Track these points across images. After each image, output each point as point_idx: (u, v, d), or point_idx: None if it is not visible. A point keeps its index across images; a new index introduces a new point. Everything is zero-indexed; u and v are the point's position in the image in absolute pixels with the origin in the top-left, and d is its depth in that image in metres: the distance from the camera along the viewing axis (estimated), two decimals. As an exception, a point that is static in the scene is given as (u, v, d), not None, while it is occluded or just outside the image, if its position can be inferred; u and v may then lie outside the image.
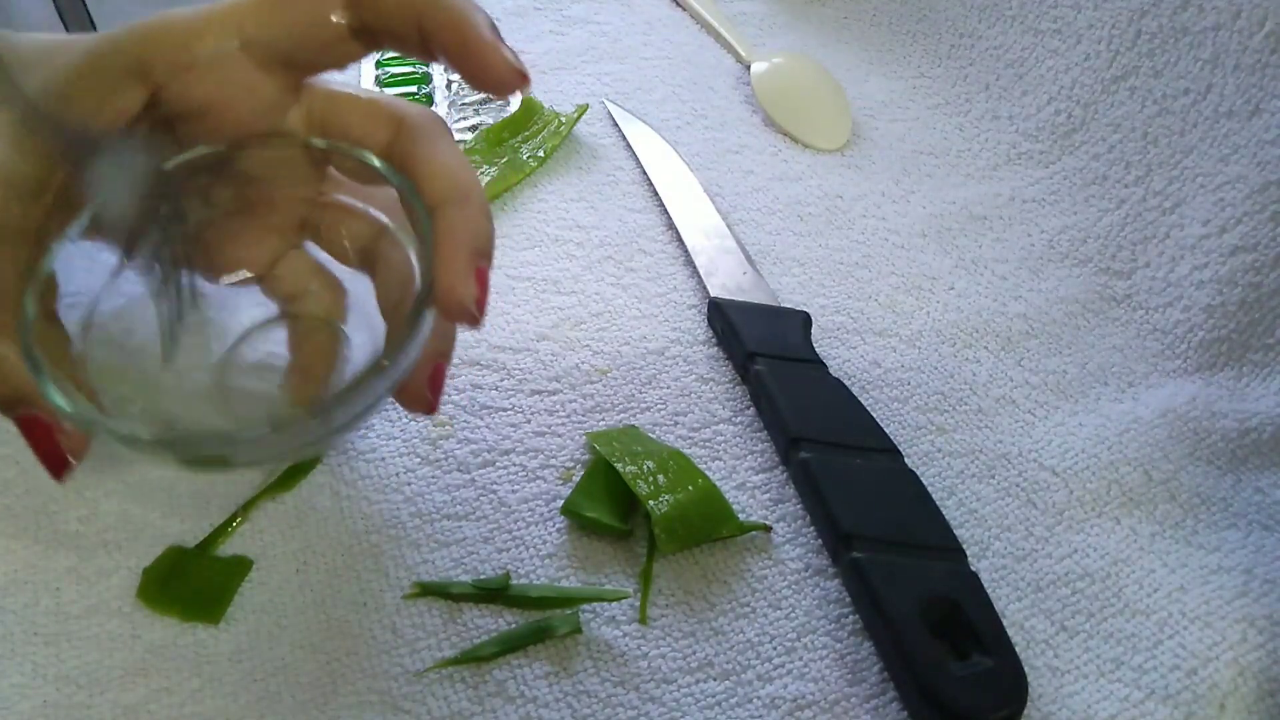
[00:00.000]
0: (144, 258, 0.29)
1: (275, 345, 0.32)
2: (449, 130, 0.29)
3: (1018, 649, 0.30)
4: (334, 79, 0.30)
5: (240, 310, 0.32)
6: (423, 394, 0.30)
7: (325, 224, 0.31)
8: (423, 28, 0.28)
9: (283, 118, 0.29)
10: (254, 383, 0.31)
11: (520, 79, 0.28)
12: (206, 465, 0.26)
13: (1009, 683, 0.29)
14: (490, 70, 0.28)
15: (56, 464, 0.27)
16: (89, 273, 0.28)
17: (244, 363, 0.31)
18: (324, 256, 0.32)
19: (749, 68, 0.57)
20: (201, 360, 0.30)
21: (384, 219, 0.30)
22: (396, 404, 0.36)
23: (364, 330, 0.31)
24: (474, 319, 0.26)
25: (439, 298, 0.26)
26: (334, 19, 0.28)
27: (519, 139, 0.50)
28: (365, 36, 0.29)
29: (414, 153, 0.28)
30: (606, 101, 0.54)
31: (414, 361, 0.27)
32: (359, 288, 0.31)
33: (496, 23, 0.28)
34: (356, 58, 0.29)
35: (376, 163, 0.28)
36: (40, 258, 0.27)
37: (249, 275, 0.31)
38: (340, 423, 0.26)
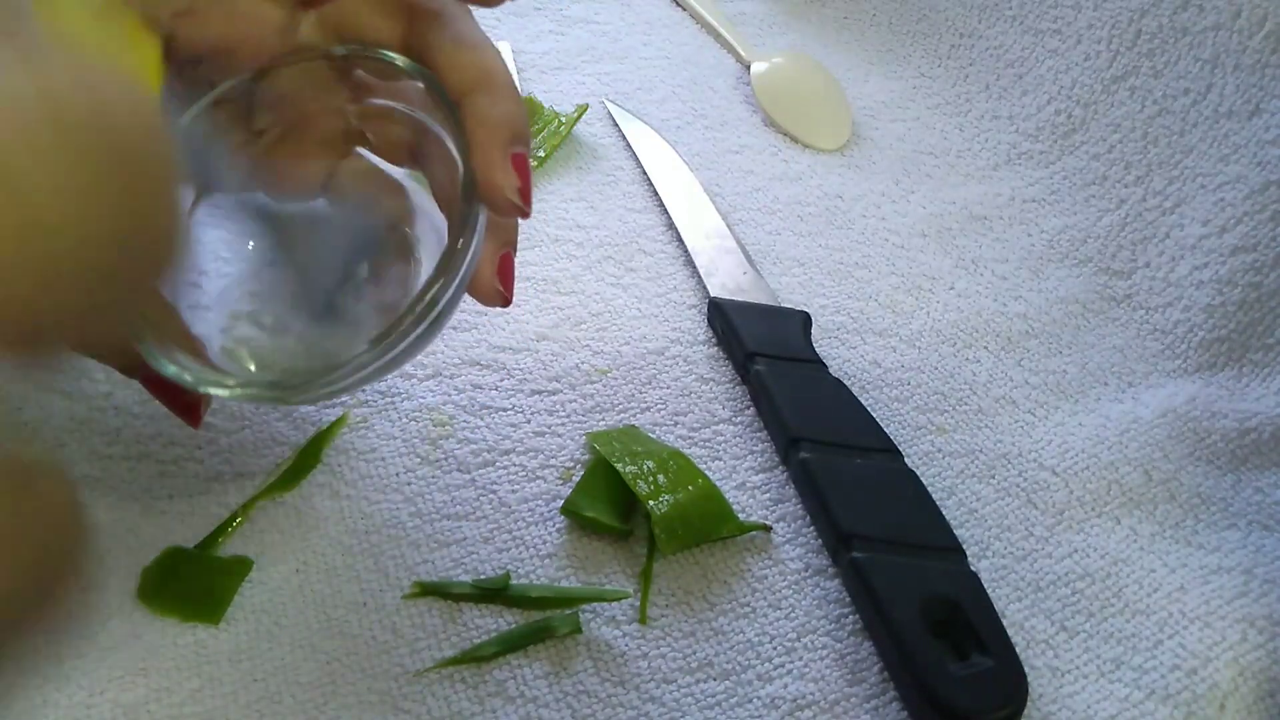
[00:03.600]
0: (215, 196, 0.29)
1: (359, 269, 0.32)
2: (466, 9, 0.29)
3: (1018, 649, 0.30)
4: None
5: (317, 236, 0.32)
6: (493, 287, 0.30)
7: (370, 130, 0.31)
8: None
9: (295, 35, 0.29)
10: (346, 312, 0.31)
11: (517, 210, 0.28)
12: (316, 399, 0.27)
13: (1009, 683, 0.29)
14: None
15: (189, 413, 0.30)
16: None
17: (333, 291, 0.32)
18: (378, 160, 0.31)
19: (749, 68, 0.57)
20: (291, 288, 0.31)
21: (421, 116, 0.29)
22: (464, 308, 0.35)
23: (430, 230, 0.31)
24: (520, 210, 0.26)
25: (482, 193, 0.26)
26: None
27: (519, 139, 0.50)
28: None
29: (431, 42, 0.27)
30: (606, 101, 0.54)
31: (476, 256, 0.26)
32: (417, 186, 0.31)
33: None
34: None
35: (398, 60, 0.28)
36: None
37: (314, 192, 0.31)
38: (422, 331, 0.26)
